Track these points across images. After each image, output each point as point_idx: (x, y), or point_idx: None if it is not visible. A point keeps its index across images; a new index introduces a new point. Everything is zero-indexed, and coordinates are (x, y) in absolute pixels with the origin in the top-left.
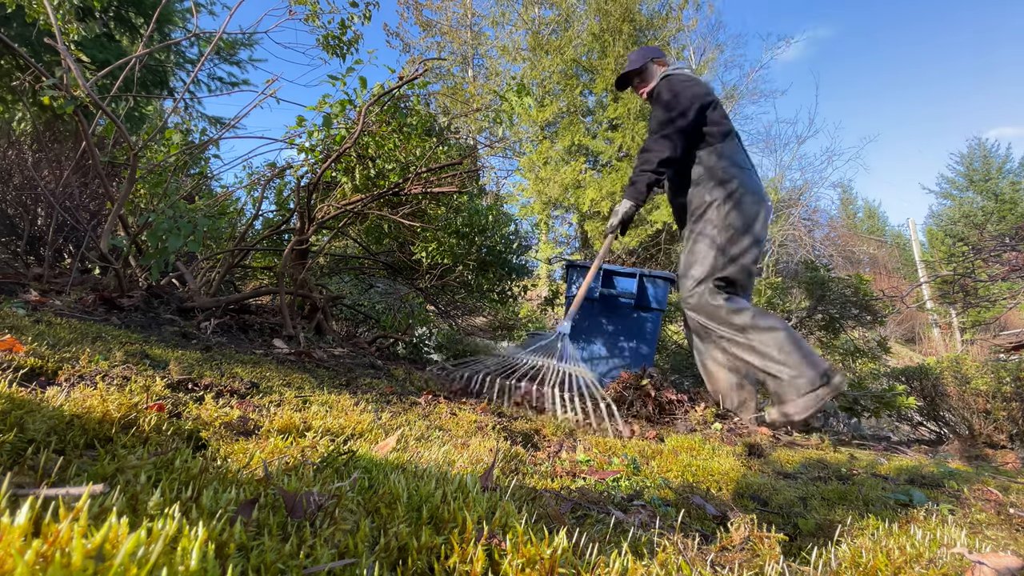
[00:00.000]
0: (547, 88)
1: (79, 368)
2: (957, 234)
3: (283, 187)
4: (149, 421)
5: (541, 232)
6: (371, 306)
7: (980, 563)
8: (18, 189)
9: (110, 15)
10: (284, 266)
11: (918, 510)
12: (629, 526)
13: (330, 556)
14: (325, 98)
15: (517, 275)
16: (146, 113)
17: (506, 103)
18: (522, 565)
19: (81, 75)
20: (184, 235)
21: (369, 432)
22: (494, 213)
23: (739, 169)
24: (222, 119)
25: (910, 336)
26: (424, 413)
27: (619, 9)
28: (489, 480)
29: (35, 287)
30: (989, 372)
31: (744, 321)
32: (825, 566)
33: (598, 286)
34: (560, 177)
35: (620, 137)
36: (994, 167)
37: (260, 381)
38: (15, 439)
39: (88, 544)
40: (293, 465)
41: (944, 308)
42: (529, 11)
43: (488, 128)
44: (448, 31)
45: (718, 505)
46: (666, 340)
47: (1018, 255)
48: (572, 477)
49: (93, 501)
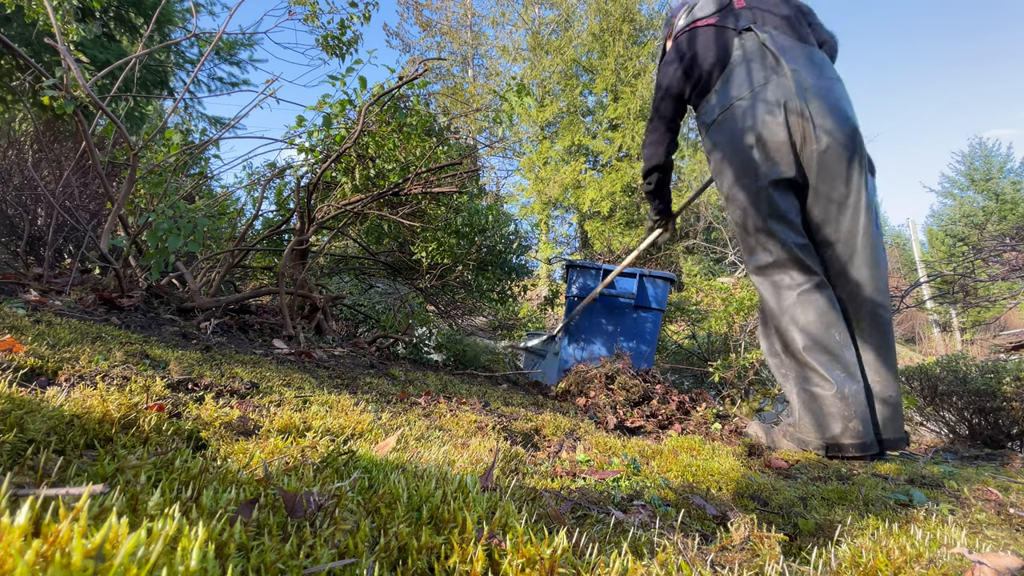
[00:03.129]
0: (547, 88)
1: (79, 368)
2: (957, 234)
3: (283, 187)
4: (149, 421)
5: (541, 232)
6: (371, 306)
7: (980, 563)
8: (18, 189)
9: (110, 15)
10: (284, 266)
11: (918, 510)
12: (629, 526)
13: (330, 556)
14: (325, 98)
15: (517, 275)
16: (146, 113)
17: (506, 103)
18: (522, 565)
19: (81, 75)
20: (184, 235)
21: (369, 432)
22: (494, 213)
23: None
24: (222, 119)
25: (910, 336)
26: (424, 413)
27: (619, 9)
28: (489, 480)
29: (35, 287)
30: (989, 372)
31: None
32: (825, 566)
33: (597, 286)
34: (560, 177)
35: (620, 137)
36: (995, 167)
37: (260, 381)
38: (15, 439)
39: (88, 544)
40: (293, 465)
41: (944, 308)
42: (529, 11)
43: (488, 128)
44: (448, 31)
45: (718, 505)
46: (666, 340)
47: (1018, 255)
48: (572, 477)
49: (93, 501)
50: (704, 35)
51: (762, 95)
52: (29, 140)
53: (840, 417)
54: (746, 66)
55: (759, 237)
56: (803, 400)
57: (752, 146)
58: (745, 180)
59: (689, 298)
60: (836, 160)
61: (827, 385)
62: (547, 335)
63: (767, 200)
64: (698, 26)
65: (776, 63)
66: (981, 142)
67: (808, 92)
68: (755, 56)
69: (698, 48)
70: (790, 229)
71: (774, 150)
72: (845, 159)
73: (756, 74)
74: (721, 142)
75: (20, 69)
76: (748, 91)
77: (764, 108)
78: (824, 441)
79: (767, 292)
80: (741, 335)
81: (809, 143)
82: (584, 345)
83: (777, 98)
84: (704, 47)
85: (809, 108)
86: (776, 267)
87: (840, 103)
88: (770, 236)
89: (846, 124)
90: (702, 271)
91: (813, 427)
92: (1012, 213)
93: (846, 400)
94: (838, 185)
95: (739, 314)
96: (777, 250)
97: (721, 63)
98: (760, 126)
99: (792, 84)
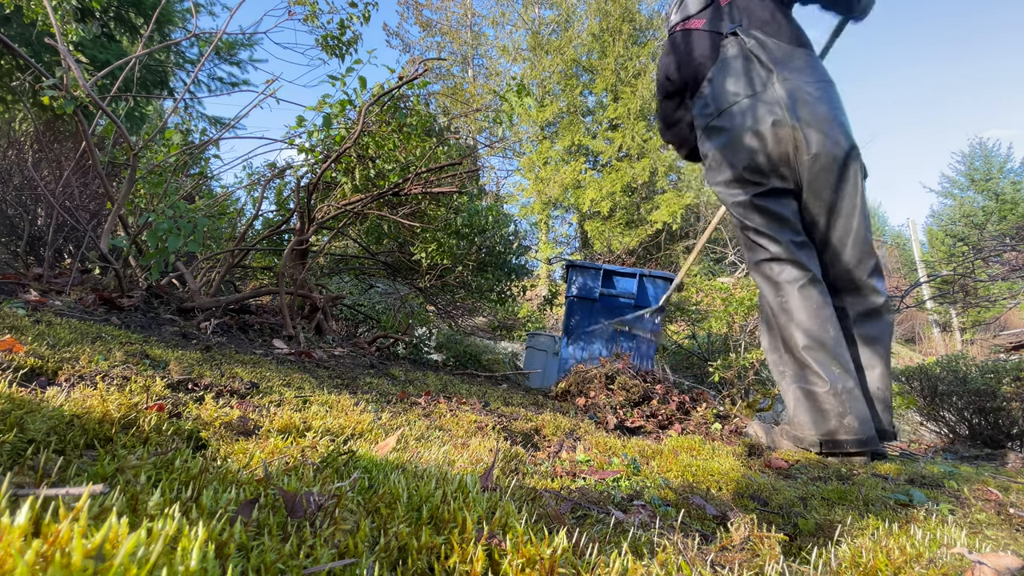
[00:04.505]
0: (547, 88)
1: (79, 368)
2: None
3: (283, 187)
4: (149, 421)
5: (541, 232)
6: (371, 306)
7: (980, 563)
8: (18, 189)
9: (110, 15)
10: (284, 266)
11: (918, 510)
12: (629, 526)
13: (330, 556)
14: (325, 98)
15: (517, 275)
16: (146, 113)
17: (506, 103)
18: (522, 565)
19: (81, 75)
20: (184, 235)
21: (369, 432)
22: (494, 213)
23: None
24: (222, 119)
25: (910, 336)
26: (424, 413)
27: (619, 9)
28: (489, 480)
29: (35, 287)
30: (989, 372)
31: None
32: (825, 566)
33: (598, 286)
34: (560, 177)
35: (620, 137)
36: (995, 167)
37: (260, 381)
38: (15, 439)
39: (88, 544)
40: (293, 465)
41: (944, 308)
42: (529, 11)
43: (488, 128)
44: (448, 31)
45: (718, 505)
46: (666, 340)
47: (1018, 255)
48: (572, 477)
49: (93, 501)
50: (693, 38)
51: (751, 104)
52: (29, 140)
53: (835, 414)
54: (734, 73)
55: (756, 235)
56: (798, 397)
57: (743, 154)
58: (738, 187)
59: (689, 298)
60: (829, 167)
61: (821, 383)
62: (644, 312)
63: (758, 207)
64: (689, 28)
65: (764, 71)
66: (981, 142)
67: (799, 100)
68: (743, 63)
69: (687, 51)
70: (787, 227)
71: (765, 159)
72: (838, 166)
73: (744, 82)
74: (713, 148)
75: (20, 69)
76: (738, 99)
77: (754, 117)
78: (819, 437)
79: (766, 288)
80: (741, 335)
81: (802, 151)
82: (584, 345)
83: (768, 107)
84: (693, 50)
85: (800, 118)
86: (774, 263)
87: (831, 109)
88: (766, 235)
89: (838, 130)
90: (702, 271)
91: (808, 424)
92: (1012, 213)
93: (840, 397)
94: (831, 191)
95: (739, 314)
96: (775, 247)
97: (709, 68)
98: (751, 135)
99: (782, 92)
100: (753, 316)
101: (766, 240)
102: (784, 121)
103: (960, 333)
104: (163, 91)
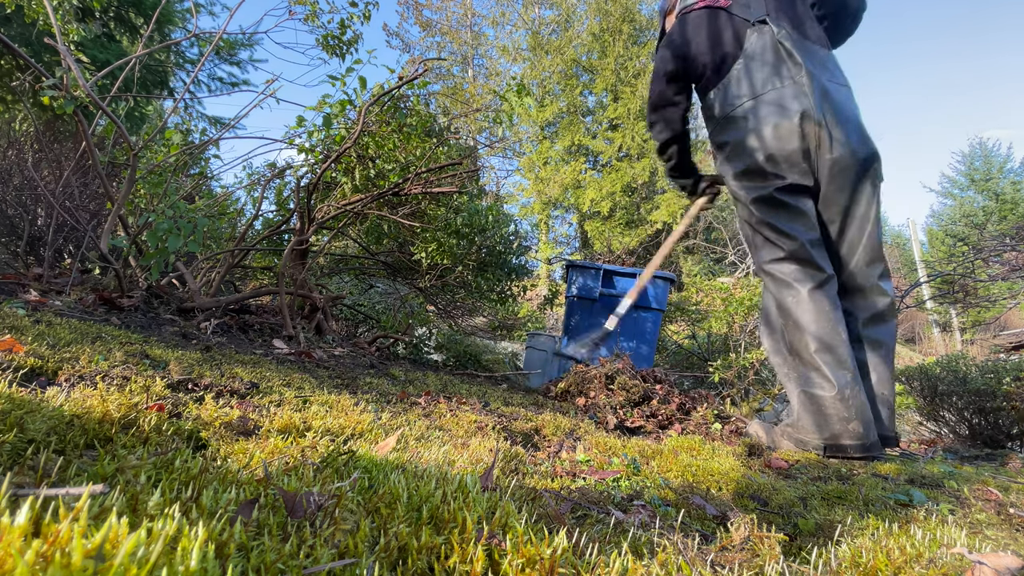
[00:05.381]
0: (547, 88)
1: (79, 368)
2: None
3: (283, 187)
4: (149, 421)
5: (541, 232)
6: (371, 306)
7: (980, 563)
8: (18, 189)
9: (110, 15)
10: (284, 266)
11: (918, 510)
12: (629, 526)
13: (330, 556)
14: (325, 98)
15: (517, 275)
16: (146, 113)
17: (506, 103)
18: (522, 565)
19: (81, 75)
20: (184, 235)
21: (369, 432)
22: (494, 213)
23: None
24: (222, 119)
25: (910, 336)
26: (424, 413)
27: (619, 9)
28: (489, 480)
29: (35, 287)
30: (989, 372)
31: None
32: (825, 566)
33: (598, 286)
34: (560, 177)
35: (620, 137)
36: (995, 167)
37: (260, 381)
38: (15, 439)
39: (88, 544)
40: (293, 465)
41: (944, 308)
42: (529, 11)
43: (488, 128)
44: (448, 31)
45: (718, 505)
46: (666, 340)
47: (1018, 255)
48: (572, 477)
49: (93, 501)
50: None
51: (779, 97)
52: (29, 140)
53: (840, 418)
54: (763, 63)
55: (768, 233)
56: (803, 400)
57: (763, 149)
58: (754, 182)
59: (689, 298)
60: (848, 170)
61: (829, 386)
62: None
63: (776, 202)
64: (713, 6)
65: (794, 65)
66: (981, 142)
67: (825, 99)
68: (772, 54)
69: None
70: (802, 224)
71: (785, 156)
72: (857, 170)
73: (772, 73)
74: (730, 140)
75: (20, 69)
76: (764, 91)
77: (780, 110)
78: (823, 441)
79: (775, 289)
80: (741, 335)
81: (824, 151)
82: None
83: (795, 102)
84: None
85: (826, 116)
86: (787, 262)
87: (855, 113)
88: (780, 232)
89: (861, 134)
90: (702, 271)
91: (812, 427)
92: (1012, 213)
93: (846, 401)
94: (848, 195)
95: (739, 314)
96: (791, 244)
97: (734, 55)
98: (774, 129)
99: (810, 90)
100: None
101: (782, 238)
102: (811, 116)
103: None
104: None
